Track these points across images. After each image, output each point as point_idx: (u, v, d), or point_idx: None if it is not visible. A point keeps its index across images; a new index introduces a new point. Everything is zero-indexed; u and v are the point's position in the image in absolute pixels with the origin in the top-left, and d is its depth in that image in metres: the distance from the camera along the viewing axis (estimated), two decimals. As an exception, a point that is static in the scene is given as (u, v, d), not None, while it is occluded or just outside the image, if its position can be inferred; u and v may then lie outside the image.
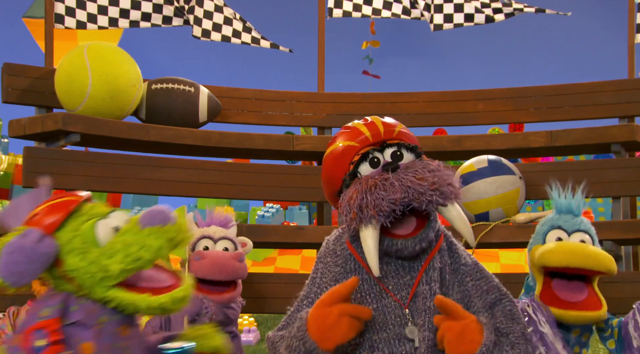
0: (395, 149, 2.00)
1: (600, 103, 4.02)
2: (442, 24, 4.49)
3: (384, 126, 2.03)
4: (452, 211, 1.96)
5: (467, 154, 3.71)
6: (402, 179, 1.91)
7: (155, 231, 1.89)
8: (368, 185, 1.92)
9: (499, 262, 7.11)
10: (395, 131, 2.03)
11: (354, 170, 2.00)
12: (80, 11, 4.06)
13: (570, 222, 2.50)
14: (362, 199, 1.91)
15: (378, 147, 2.01)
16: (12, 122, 3.57)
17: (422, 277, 2.00)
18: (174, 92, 3.84)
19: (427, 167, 1.95)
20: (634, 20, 4.17)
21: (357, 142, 2.02)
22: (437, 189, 1.91)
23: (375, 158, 2.00)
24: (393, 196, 1.88)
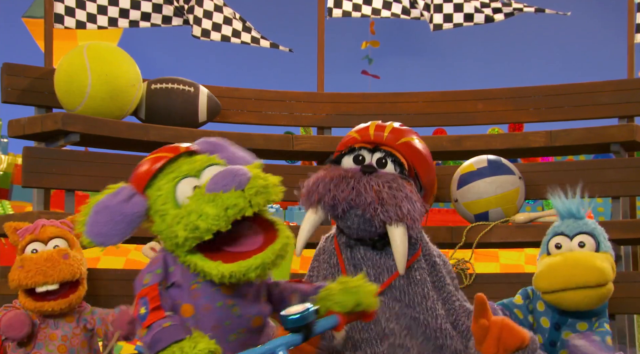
0: (382, 156, 2.02)
1: (600, 103, 4.01)
2: (441, 23, 4.49)
3: (391, 131, 2.05)
4: (395, 231, 1.98)
5: (467, 154, 3.71)
6: (363, 184, 1.93)
7: (214, 198, 1.77)
8: (327, 175, 1.97)
9: (499, 262, 7.10)
10: (400, 140, 2.04)
11: (338, 159, 2.04)
12: (80, 11, 4.05)
13: (572, 226, 2.50)
14: (314, 185, 1.96)
15: (371, 147, 2.02)
16: (12, 122, 3.57)
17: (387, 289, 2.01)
18: (173, 92, 3.84)
19: (394, 185, 1.96)
20: (633, 20, 4.17)
21: (359, 134, 2.05)
22: (384, 206, 1.93)
23: (361, 156, 2.03)
24: (341, 194, 1.92)
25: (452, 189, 3.52)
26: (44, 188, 3.52)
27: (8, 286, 3.00)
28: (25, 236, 2.80)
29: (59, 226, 2.82)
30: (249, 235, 1.82)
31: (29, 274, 2.67)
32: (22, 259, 2.73)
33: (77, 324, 2.76)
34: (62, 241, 2.79)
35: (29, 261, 2.71)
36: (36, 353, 2.71)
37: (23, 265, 2.70)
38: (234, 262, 1.76)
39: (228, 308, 1.85)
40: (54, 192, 3.72)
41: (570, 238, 2.48)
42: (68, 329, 2.73)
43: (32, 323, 2.71)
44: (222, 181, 1.78)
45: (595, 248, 2.46)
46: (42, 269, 2.68)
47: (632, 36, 4.16)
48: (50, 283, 2.68)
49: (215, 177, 1.79)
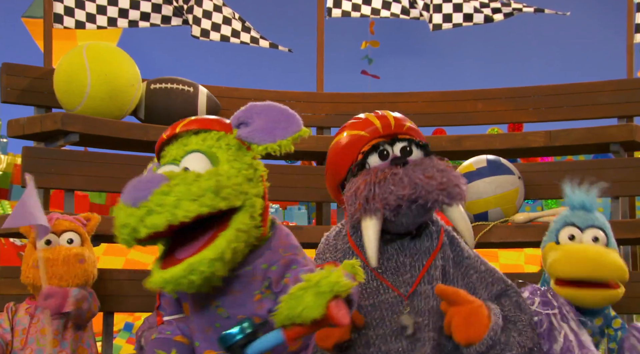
0: (405, 144, 1.99)
1: (599, 103, 4.01)
2: (441, 23, 4.49)
3: (395, 119, 2.02)
4: (455, 211, 1.95)
5: (467, 154, 3.71)
6: (411, 176, 1.89)
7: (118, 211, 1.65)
8: (377, 177, 1.90)
9: (498, 262, 7.11)
10: (406, 126, 2.02)
11: (363, 160, 1.98)
12: (79, 11, 4.05)
13: (584, 218, 2.46)
14: (369, 191, 1.89)
15: (388, 140, 1.99)
16: (11, 122, 3.56)
17: (424, 276, 1.99)
18: (173, 92, 3.84)
19: (436, 166, 1.93)
20: (632, 20, 4.17)
21: (367, 132, 2.00)
22: (444, 189, 1.90)
23: (385, 151, 1.98)
24: (401, 191, 1.87)
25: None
26: (43, 188, 3.52)
27: (8, 286, 3.02)
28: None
29: (72, 221, 2.83)
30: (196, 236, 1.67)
31: (46, 276, 2.62)
32: (39, 259, 2.70)
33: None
34: (75, 235, 2.79)
35: (48, 261, 2.65)
36: (28, 348, 2.71)
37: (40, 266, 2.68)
38: (166, 270, 1.62)
39: (214, 309, 1.75)
40: (53, 192, 3.71)
41: (582, 231, 2.44)
42: (59, 324, 2.72)
43: (2, 352, 2.69)
44: (127, 192, 1.64)
45: (606, 244, 2.43)
46: (59, 273, 2.67)
47: (631, 36, 4.16)
48: (64, 286, 2.67)
49: (129, 185, 1.66)
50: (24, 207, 2.24)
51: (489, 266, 2.10)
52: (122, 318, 6.81)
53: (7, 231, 3.28)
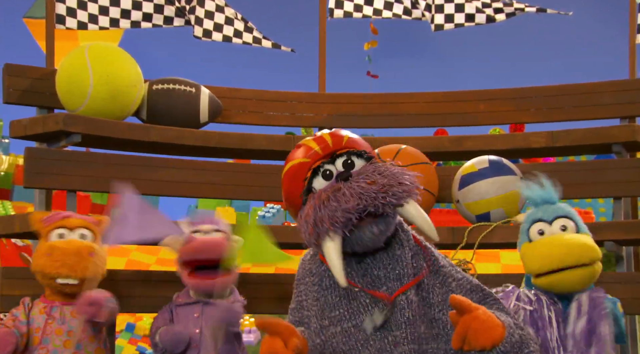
0: (345, 158, 1.99)
1: (601, 103, 4.01)
2: (442, 24, 4.49)
3: (331, 137, 2.02)
4: (408, 209, 1.94)
5: (468, 154, 3.70)
6: (354, 187, 1.89)
7: None
8: (321, 199, 1.91)
9: (500, 263, 7.10)
10: (344, 140, 2.01)
11: (308, 186, 1.99)
12: (81, 12, 4.05)
13: (549, 210, 2.51)
14: (316, 214, 1.90)
15: (328, 159, 1.99)
16: (13, 123, 3.56)
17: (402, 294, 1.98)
18: (175, 93, 3.84)
19: (377, 169, 1.93)
20: (635, 20, 4.16)
21: (307, 157, 2.00)
22: (388, 191, 1.90)
23: (327, 171, 1.98)
24: (346, 205, 1.87)
25: (454, 189, 3.51)
26: (46, 189, 3.52)
27: (10, 287, 3.02)
28: (50, 222, 2.80)
29: (85, 219, 2.86)
30: None
31: (55, 265, 2.70)
32: (52, 247, 2.73)
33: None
34: (87, 232, 2.82)
35: (58, 250, 2.71)
36: (43, 348, 2.72)
37: (52, 253, 2.72)
38: None
39: None
40: (55, 192, 3.71)
41: (550, 223, 2.48)
42: (74, 324, 2.73)
43: (17, 341, 2.70)
44: None
45: (576, 231, 2.47)
46: (69, 263, 2.70)
47: (633, 36, 4.15)
48: (72, 278, 2.71)
49: None
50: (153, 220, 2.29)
51: (464, 273, 2.10)
52: (124, 319, 6.81)
53: (8, 232, 3.29)
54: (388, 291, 1.97)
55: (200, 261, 2.70)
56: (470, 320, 1.84)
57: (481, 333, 1.84)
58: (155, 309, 2.91)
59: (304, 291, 2.10)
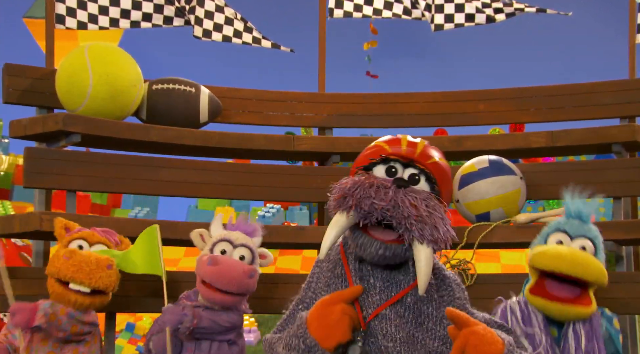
0: (415, 172, 1.99)
1: (601, 103, 4.01)
2: (442, 24, 4.49)
3: (422, 150, 2.01)
4: (422, 251, 1.93)
5: (468, 154, 3.70)
6: (398, 197, 1.89)
7: None
8: (366, 181, 1.92)
9: (500, 263, 7.11)
10: (431, 159, 2.01)
11: (369, 166, 1.99)
12: (81, 11, 4.06)
13: (576, 227, 2.48)
14: (351, 188, 1.91)
15: (404, 161, 1.99)
16: (13, 123, 3.56)
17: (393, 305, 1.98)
18: (174, 93, 3.84)
19: (428, 202, 1.93)
20: (635, 20, 4.16)
21: (391, 147, 2.01)
22: (420, 223, 1.89)
23: (393, 168, 1.99)
24: (379, 201, 1.88)
25: (454, 189, 3.51)
26: (45, 189, 3.52)
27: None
28: (73, 233, 2.83)
29: (107, 236, 2.88)
30: None
31: (73, 268, 2.70)
32: (72, 252, 2.74)
33: None
34: (106, 248, 2.84)
35: (79, 256, 2.73)
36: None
37: (71, 257, 2.72)
38: None
39: None
40: (55, 192, 3.71)
41: (572, 238, 2.47)
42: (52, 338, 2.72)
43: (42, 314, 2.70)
44: None
45: (594, 254, 2.46)
46: (86, 270, 2.70)
47: (633, 36, 4.15)
48: (86, 285, 2.71)
49: None
50: None
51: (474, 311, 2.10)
52: (124, 319, 6.82)
53: (8, 232, 3.29)
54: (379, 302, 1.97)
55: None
56: (469, 334, 1.83)
57: (480, 348, 1.82)
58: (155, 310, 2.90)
59: (317, 273, 2.11)
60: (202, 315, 2.70)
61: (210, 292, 2.69)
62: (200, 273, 2.72)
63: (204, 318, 2.70)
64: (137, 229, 3.03)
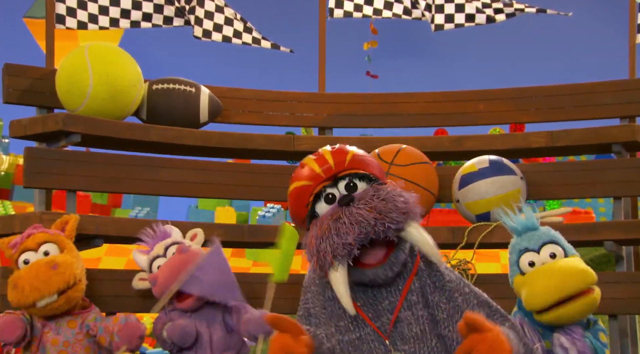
0: (347, 181, 1.97)
1: (601, 103, 4.01)
2: (443, 24, 4.49)
3: (333, 157, 1.99)
4: (411, 233, 1.93)
5: (468, 154, 3.70)
6: (354, 214, 1.88)
7: None
8: (322, 230, 1.91)
9: (500, 263, 7.11)
10: (347, 160, 1.99)
11: (311, 211, 1.98)
12: (81, 11, 4.06)
13: (534, 239, 2.45)
14: (318, 245, 1.91)
15: (331, 182, 1.98)
16: (13, 123, 3.57)
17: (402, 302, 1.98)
18: (174, 93, 3.83)
19: (377, 194, 1.92)
20: (635, 20, 4.16)
21: (310, 180, 1.99)
22: (386, 217, 1.88)
23: (330, 194, 1.97)
24: (346, 237, 1.87)
25: (454, 189, 3.51)
26: (45, 188, 3.52)
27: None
28: (17, 248, 2.77)
29: (47, 231, 2.81)
30: None
31: (24, 293, 2.65)
32: (15, 279, 2.69)
33: (80, 329, 2.76)
34: (52, 246, 2.77)
35: (21, 280, 2.67)
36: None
37: (16, 285, 2.67)
38: None
39: None
40: (55, 192, 3.71)
41: (538, 251, 2.43)
42: (70, 335, 2.72)
43: (26, 327, 2.70)
44: None
45: (564, 255, 2.43)
46: (35, 286, 2.65)
47: (633, 36, 4.15)
48: (48, 296, 2.66)
49: None
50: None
51: (473, 288, 2.08)
52: (124, 319, 6.80)
53: (8, 232, 3.29)
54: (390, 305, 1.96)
55: None
56: (478, 341, 1.80)
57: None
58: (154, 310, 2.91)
59: (311, 298, 2.09)
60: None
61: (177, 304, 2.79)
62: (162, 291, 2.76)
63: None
64: (137, 229, 3.03)
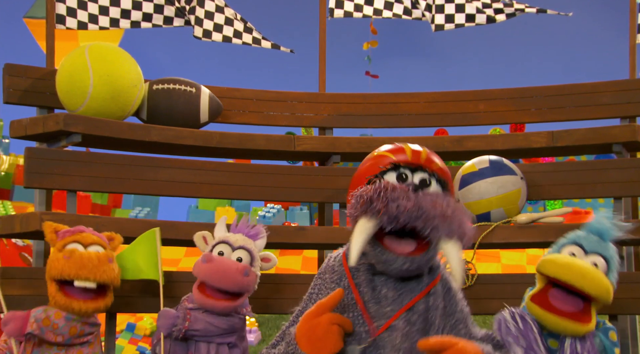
0: (425, 176, 2.00)
1: (602, 103, 4.01)
2: (443, 24, 4.49)
3: (427, 156, 2.03)
4: (452, 248, 1.94)
5: (468, 154, 3.71)
6: (420, 199, 1.90)
7: None
8: (389, 186, 1.91)
9: (500, 263, 7.11)
10: (435, 162, 2.03)
11: (381, 174, 1.99)
12: (82, 12, 4.06)
13: (593, 243, 2.45)
14: (376, 193, 1.91)
15: (412, 167, 2.00)
16: (13, 123, 3.57)
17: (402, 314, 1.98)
18: (175, 93, 3.84)
19: (448, 201, 1.94)
20: (635, 20, 4.17)
21: (395, 156, 2.01)
22: (446, 222, 1.90)
23: (404, 174, 1.99)
24: (405, 203, 1.88)
25: (454, 189, 3.51)
26: (46, 189, 3.52)
27: (10, 287, 3.00)
28: (65, 236, 2.79)
29: (99, 236, 2.85)
30: None
31: (75, 265, 2.67)
32: (72, 252, 2.71)
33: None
34: (101, 248, 2.81)
35: (77, 254, 2.70)
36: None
37: (71, 256, 2.69)
38: None
39: None
40: (55, 192, 3.71)
41: (586, 253, 2.44)
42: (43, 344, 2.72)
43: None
44: None
45: (605, 272, 2.43)
46: (89, 266, 2.68)
47: (634, 36, 4.16)
48: (91, 280, 2.69)
49: None
50: None
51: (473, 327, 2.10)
52: (124, 319, 6.81)
53: (8, 232, 3.29)
54: (391, 312, 1.97)
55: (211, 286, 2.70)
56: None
57: None
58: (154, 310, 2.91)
59: (319, 285, 2.10)
60: (197, 317, 2.70)
61: (203, 297, 2.69)
62: (195, 272, 2.72)
63: (200, 319, 2.69)
64: (137, 229, 3.03)
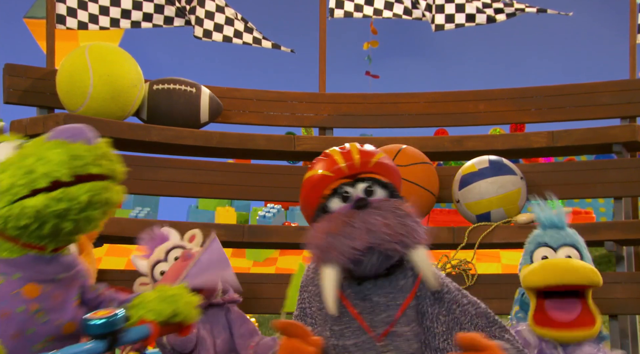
0: (367, 185, 1.96)
1: (602, 103, 4.01)
2: (443, 24, 4.49)
3: (360, 155, 1.98)
4: (415, 255, 1.92)
5: (468, 154, 3.71)
6: (368, 222, 1.87)
7: (58, 145, 1.68)
8: (333, 228, 1.89)
9: (500, 263, 7.10)
10: (372, 162, 1.98)
11: (325, 205, 1.97)
12: (82, 12, 4.06)
13: (556, 237, 2.47)
14: (325, 240, 1.89)
15: (351, 181, 1.97)
16: (14, 123, 3.57)
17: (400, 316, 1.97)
18: (175, 93, 3.84)
19: (396, 211, 1.91)
20: (635, 20, 4.17)
21: (331, 172, 1.98)
22: (400, 240, 1.88)
23: (346, 192, 1.97)
24: (355, 243, 1.86)
25: (454, 189, 3.52)
26: (46, 189, 3.52)
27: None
28: None
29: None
30: None
31: None
32: None
33: None
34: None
35: None
36: None
37: None
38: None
39: (31, 314, 1.69)
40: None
41: (555, 250, 2.46)
42: None
43: None
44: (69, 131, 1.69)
45: (580, 260, 2.44)
46: None
47: (634, 37, 4.16)
48: None
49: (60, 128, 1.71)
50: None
51: (471, 298, 2.07)
52: (124, 319, 6.81)
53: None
54: (388, 319, 1.96)
55: None
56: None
57: None
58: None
59: (307, 298, 2.08)
60: None
61: None
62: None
63: None
64: (137, 229, 3.03)
